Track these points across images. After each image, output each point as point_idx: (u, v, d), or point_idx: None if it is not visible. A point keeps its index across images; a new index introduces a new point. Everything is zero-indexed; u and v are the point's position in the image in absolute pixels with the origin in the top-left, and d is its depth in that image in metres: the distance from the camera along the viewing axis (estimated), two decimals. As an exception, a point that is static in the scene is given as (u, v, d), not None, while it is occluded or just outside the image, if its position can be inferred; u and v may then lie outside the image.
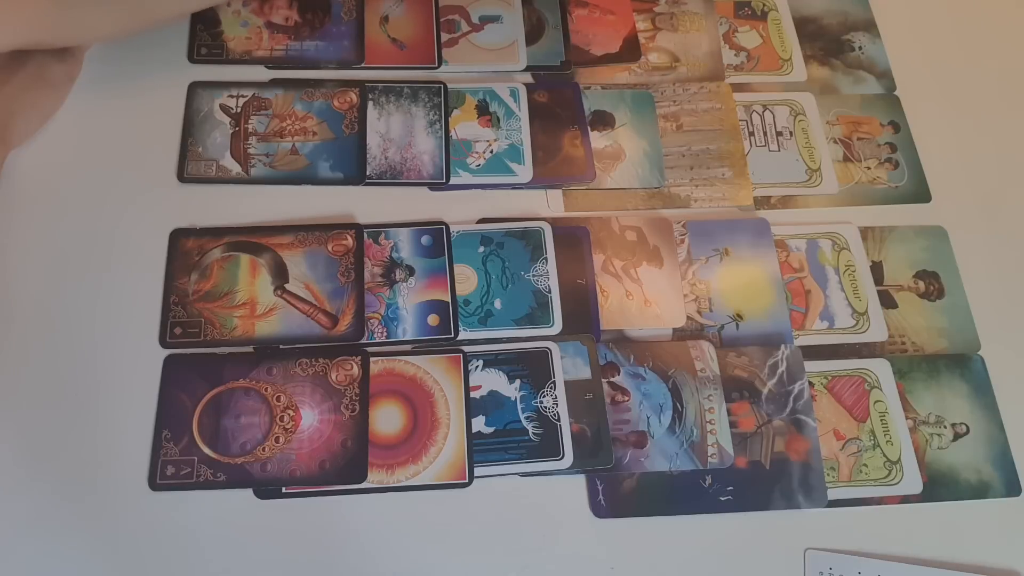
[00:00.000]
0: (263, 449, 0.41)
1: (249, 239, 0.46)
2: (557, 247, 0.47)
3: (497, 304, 0.46)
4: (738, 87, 0.55)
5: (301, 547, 0.40)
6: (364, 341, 0.44)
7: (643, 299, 0.47)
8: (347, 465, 0.41)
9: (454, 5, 0.55)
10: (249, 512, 0.40)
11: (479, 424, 0.43)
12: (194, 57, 0.51)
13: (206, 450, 0.41)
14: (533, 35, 0.54)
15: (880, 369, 0.46)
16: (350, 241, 0.46)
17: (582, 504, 0.42)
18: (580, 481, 0.43)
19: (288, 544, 0.40)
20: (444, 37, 0.54)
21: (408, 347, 0.44)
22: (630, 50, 0.55)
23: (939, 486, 0.44)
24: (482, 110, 0.51)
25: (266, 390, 0.42)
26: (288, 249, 0.46)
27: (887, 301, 0.49)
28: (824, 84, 0.56)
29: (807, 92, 0.55)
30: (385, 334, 0.44)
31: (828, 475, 0.43)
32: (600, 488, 0.42)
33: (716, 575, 0.42)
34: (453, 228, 0.47)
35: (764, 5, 0.58)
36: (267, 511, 0.41)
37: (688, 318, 0.47)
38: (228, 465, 0.40)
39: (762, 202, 0.51)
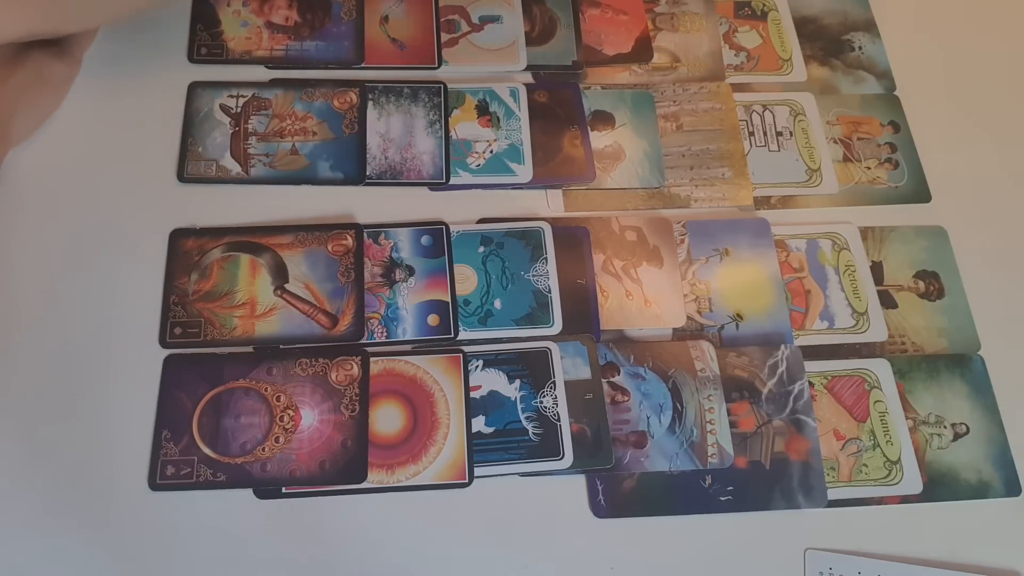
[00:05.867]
0: (263, 449, 0.41)
1: (249, 239, 0.46)
2: (557, 247, 0.47)
3: (497, 304, 0.46)
4: (738, 87, 0.55)
5: (301, 547, 0.40)
6: (364, 341, 0.44)
7: (643, 299, 0.47)
8: (347, 465, 0.41)
9: (454, 5, 0.55)
10: (249, 512, 0.40)
11: (479, 424, 0.43)
12: (194, 57, 0.51)
13: (206, 450, 0.41)
14: (545, 35, 0.54)
15: (880, 369, 0.46)
16: (350, 241, 0.46)
17: (582, 504, 0.42)
18: (580, 481, 0.43)
19: (288, 544, 0.40)
20: (444, 37, 0.54)
21: (408, 347, 0.44)
22: (642, 50, 0.55)
23: (939, 486, 0.44)
24: (482, 110, 0.51)
25: (266, 390, 0.42)
26: (288, 249, 0.46)
27: (887, 301, 0.49)
28: (824, 84, 0.56)
29: (807, 92, 0.55)
30: (385, 334, 0.44)
31: (828, 475, 0.43)
32: (600, 488, 0.42)
33: (716, 575, 0.42)
34: (453, 228, 0.47)
35: (764, 5, 0.58)
36: (267, 511, 0.41)
37: (688, 318, 0.47)
38: (228, 465, 0.40)
39: (762, 202, 0.51)
